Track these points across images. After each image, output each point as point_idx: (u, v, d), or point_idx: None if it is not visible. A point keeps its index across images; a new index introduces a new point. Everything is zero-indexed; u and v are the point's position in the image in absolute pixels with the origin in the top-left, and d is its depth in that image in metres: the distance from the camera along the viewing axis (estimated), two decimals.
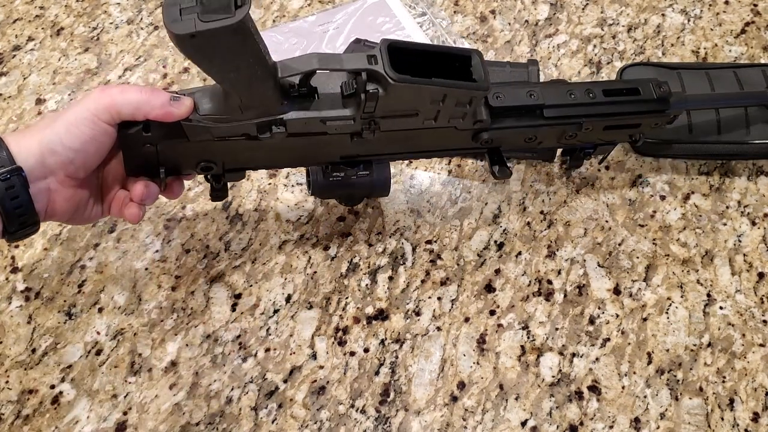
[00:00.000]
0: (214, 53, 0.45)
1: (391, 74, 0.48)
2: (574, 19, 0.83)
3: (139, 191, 0.52)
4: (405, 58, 0.50)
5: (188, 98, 0.49)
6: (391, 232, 0.67)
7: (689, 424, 0.58)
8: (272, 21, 0.82)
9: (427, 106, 0.53)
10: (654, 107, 0.61)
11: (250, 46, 0.45)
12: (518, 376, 0.60)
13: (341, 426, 0.57)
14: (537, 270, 0.65)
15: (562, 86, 0.59)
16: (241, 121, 0.51)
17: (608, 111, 0.59)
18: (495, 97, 0.56)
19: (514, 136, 0.58)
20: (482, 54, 0.53)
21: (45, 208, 0.48)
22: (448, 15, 0.83)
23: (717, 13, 0.84)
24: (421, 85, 0.50)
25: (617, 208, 0.69)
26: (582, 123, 0.59)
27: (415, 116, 0.54)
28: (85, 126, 0.46)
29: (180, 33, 0.42)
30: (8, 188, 0.44)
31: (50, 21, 0.83)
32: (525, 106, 0.57)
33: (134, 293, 0.63)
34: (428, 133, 0.56)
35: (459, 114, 0.54)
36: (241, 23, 0.42)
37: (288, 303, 0.63)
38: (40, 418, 0.57)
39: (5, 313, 0.62)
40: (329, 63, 0.49)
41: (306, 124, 0.52)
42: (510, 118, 0.57)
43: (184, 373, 0.59)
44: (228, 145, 0.53)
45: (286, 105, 0.51)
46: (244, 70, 0.46)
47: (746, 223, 0.68)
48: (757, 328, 0.62)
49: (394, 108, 0.52)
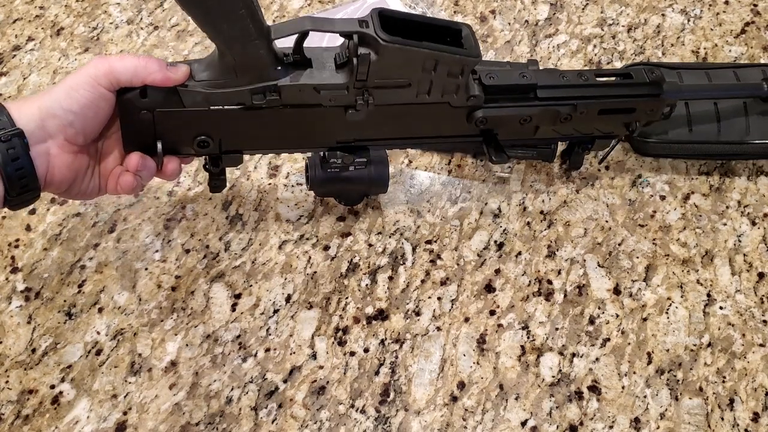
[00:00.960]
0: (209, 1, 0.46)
1: (382, 35, 0.49)
2: (574, 19, 0.83)
3: (135, 161, 0.53)
4: (397, 28, 0.51)
5: (184, 65, 0.51)
6: (391, 232, 0.67)
7: (689, 424, 0.58)
8: (272, 21, 0.82)
9: (419, 75, 0.53)
10: (647, 90, 0.61)
11: None
12: (518, 376, 0.60)
13: (341, 426, 0.57)
14: (537, 270, 0.65)
15: (554, 71, 0.61)
16: (236, 88, 0.51)
17: (601, 93, 0.60)
18: (488, 77, 0.57)
19: (508, 116, 0.59)
20: (472, 28, 0.54)
21: (45, 174, 0.49)
22: (448, 15, 0.83)
23: (717, 13, 0.84)
24: (412, 47, 0.51)
25: (617, 208, 0.69)
26: (576, 105, 0.59)
27: (408, 87, 0.54)
28: (84, 90, 0.48)
29: None
30: (9, 149, 0.45)
31: (50, 21, 0.83)
32: (518, 85, 0.58)
33: (134, 293, 0.63)
34: (423, 112, 0.57)
35: (452, 87, 0.55)
36: None
37: (288, 303, 0.63)
38: (40, 418, 0.57)
39: (5, 313, 0.62)
40: (321, 25, 0.50)
41: (300, 92, 0.53)
42: (503, 97, 0.58)
43: (184, 373, 0.59)
44: (224, 116, 0.53)
45: (281, 71, 0.52)
46: (238, 23, 0.47)
47: (746, 223, 0.68)
48: (757, 328, 0.62)
49: (387, 75, 0.53)
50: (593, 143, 0.65)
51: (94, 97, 0.48)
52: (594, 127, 0.62)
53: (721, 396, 0.59)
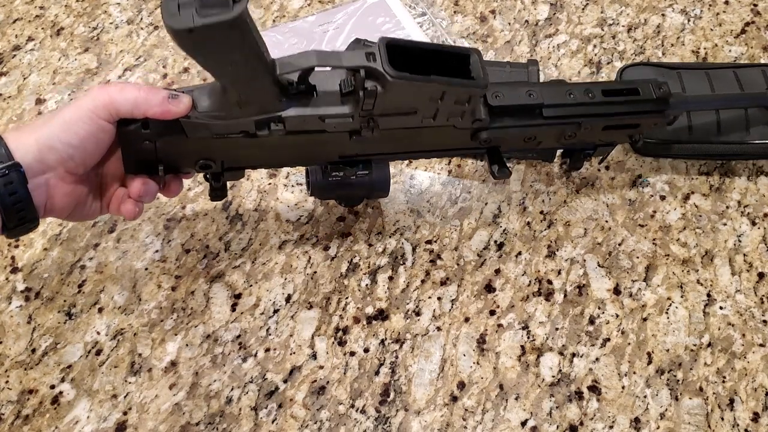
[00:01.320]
0: (212, 48, 0.45)
1: (389, 71, 0.48)
2: (574, 19, 0.83)
3: (137, 188, 0.52)
4: (403, 56, 0.50)
5: (186, 96, 0.49)
6: (391, 232, 0.67)
7: (689, 424, 0.58)
8: (272, 21, 0.82)
9: (425, 104, 0.53)
10: (653, 107, 0.61)
11: (248, 41, 0.45)
12: (518, 376, 0.60)
13: (341, 426, 0.57)
14: (537, 270, 0.65)
15: (561, 86, 0.59)
16: (240, 119, 0.51)
17: (607, 111, 0.59)
18: (494, 96, 0.56)
19: (513, 135, 0.58)
20: (481, 53, 0.53)
21: (44, 204, 0.48)
22: (448, 15, 0.83)
23: (717, 13, 0.84)
24: (420, 82, 0.50)
25: (617, 208, 0.69)
26: (581, 123, 0.59)
27: (414, 114, 0.54)
28: (84, 123, 0.47)
29: (178, 28, 0.42)
30: (6, 184, 0.45)
31: (50, 21, 0.83)
32: (524, 105, 0.57)
33: (134, 293, 0.63)
34: (427, 131, 0.56)
35: (458, 112, 0.54)
36: (239, 18, 0.43)
37: (288, 303, 0.63)
38: (40, 418, 0.57)
39: (5, 313, 0.62)
40: (328, 60, 0.49)
41: (304, 122, 0.52)
42: (509, 117, 0.57)
43: (184, 373, 0.59)
44: (227, 143, 0.53)
45: (285, 102, 0.51)
46: (242, 65, 0.46)
47: (746, 223, 0.68)
48: (757, 328, 0.62)
49: (393, 106, 0.52)
50: (595, 149, 0.64)
51: (94, 129, 0.47)
52: (597, 138, 0.62)
53: (721, 396, 0.59)
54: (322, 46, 0.78)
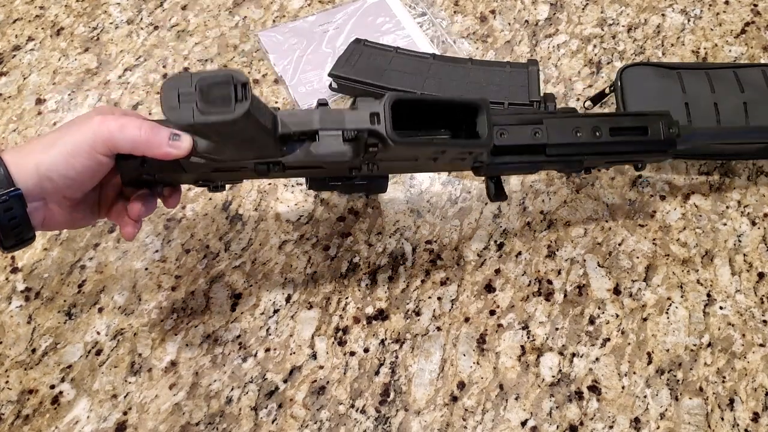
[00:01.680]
0: (212, 136, 0.46)
1: (392, 136, 0.48)
2: (574, 19, 0.83)
3: (137, 210, 0.52)
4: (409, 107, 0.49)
5: (187, 137, 0.48)
6: (391, 232, 0.67)
7: (689, 424, 0.58)
8: (272, 21, 0.82)
9: (427, 156, 0.53)
10: (659, 147, 0.59)
11: (249, 128, 0.45)
12: (518, 376, 0.60)
13: (341, 426, 0.57)
14: (537, 270, 0.65)
15: (570, 121, 0.57)
16: (240, 161, 0.51)
17: (612, 150, 0.58)
18: (499, 135, 0.55)
19: (514, 168, 0.59)
20: (488, 102, 0.52)
21: (41, 223, 0.49)
22: (448, 15, 0.83)
23: (717, 13, 0.84)
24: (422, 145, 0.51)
25: (617, 208, 0.69)
26: (583, 160, 0.58)
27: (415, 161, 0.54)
28: (82, 158, 0.47)
29: (178, 123, 0.43)
30: (6, 210, 0.46)
31: (50, 21, 0.83)
32: (528, 146, 0.56)
33: (134, 293, 0.63)
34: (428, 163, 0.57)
35: (459, 159, 0.55)
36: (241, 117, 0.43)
37: (288, 303, 0.63)
38: (40, 418, 0.57)
39: (5, 313, 0.62)
40: (331, 123, 0.49)
41: (304, 164, 0.52)
42: (511, 155, 0.57)
43: (184, 373, 0.59)
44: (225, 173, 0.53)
45: (286, 149, 0.51)
46: (243, 143, 0.47)
47: (746, 223, 0.68)
48: (757, 328, 0.62)
49: (395, 156, 0.52)
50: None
51: (92, 164, 0.48)
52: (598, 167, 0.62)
53: (721, 396, 0.59)
54: (322, 46, 0.78)
